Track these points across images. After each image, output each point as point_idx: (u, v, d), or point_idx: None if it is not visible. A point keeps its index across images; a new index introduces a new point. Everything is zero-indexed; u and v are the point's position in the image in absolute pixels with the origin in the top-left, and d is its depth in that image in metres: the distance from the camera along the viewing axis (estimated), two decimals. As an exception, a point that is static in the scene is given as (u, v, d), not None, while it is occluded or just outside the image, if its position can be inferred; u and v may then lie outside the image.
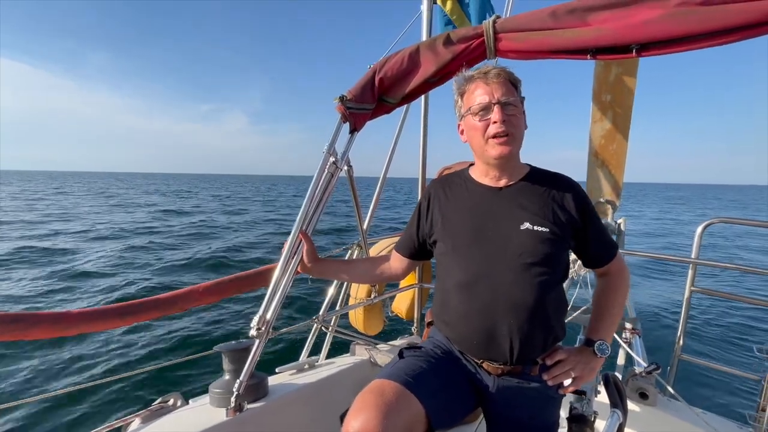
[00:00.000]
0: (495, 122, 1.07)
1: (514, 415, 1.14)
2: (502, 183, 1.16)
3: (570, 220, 1.11)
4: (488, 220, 1.12)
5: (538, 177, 1.17)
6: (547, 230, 1.07)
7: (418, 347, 1.19)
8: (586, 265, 1.24)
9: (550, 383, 1.11)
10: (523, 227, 1.08)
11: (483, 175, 1.20)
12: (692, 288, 2.03)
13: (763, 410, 1.71)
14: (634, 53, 1.07)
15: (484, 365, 1.12)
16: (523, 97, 1.14)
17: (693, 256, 2.01)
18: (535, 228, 1.07)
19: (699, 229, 2.02)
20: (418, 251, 1.33)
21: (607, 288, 1.23)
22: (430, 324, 1.42)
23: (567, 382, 1.12)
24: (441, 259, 1.20)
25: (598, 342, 1.14)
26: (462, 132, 1.20)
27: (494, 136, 1.08)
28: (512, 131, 1.08)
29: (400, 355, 1.15)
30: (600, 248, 1.19)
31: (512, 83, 1.12)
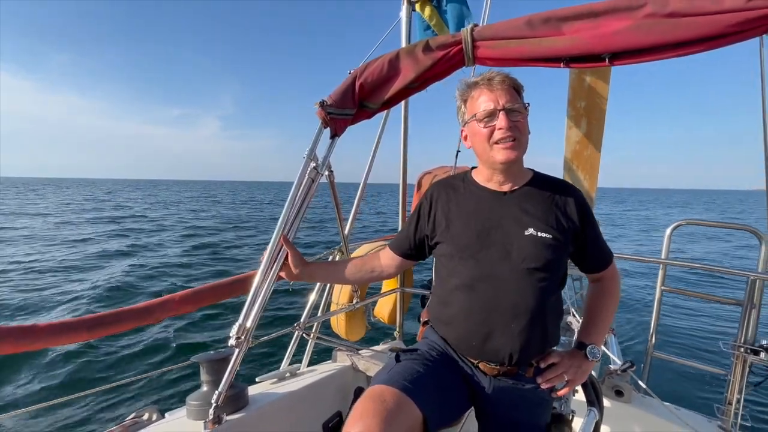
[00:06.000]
0: (500, 128, 1.07)
1: (506, 416, 1.15)
2: (507, 188, 1.17)
3: (571, 226, 1.13)
4: (493, 224, 1.13)
5: (541, 182, 1.19)
6: (551, 236, 1.09)
7: (413, 350, 1.19)
8: (582, 270, 1.26)
9: (543, 386, 1.13)
10: (527, 233, 1.09)
11: (487, 179, 1.20)
12: (663, 287, 2.10)
13: (730, 403, 1.78)
14: (606, 62, 1.11)
15: (480, 365, 1.14)
16: (528, 104, 1.14)
17: (663, 257, 2.07)
18: (539, 234, 1.09)
19: (668, 231, 2.08)
20: (414, 251, 1.33)
21: (601, 293, 1.26)
22: (425, 323, 1.42)
23: (560, 384, 1.15)
24: (443, 261, 1.21)
25: (590, 346, 1.17)
26: (465, 138, 1.21)
27: (500, 141, 1.09)
28: (518, 136, 1.09)
29: (397, 358, 1.15)
30: (597, 255, 1.21)
31: (516, 89, 1.13)
